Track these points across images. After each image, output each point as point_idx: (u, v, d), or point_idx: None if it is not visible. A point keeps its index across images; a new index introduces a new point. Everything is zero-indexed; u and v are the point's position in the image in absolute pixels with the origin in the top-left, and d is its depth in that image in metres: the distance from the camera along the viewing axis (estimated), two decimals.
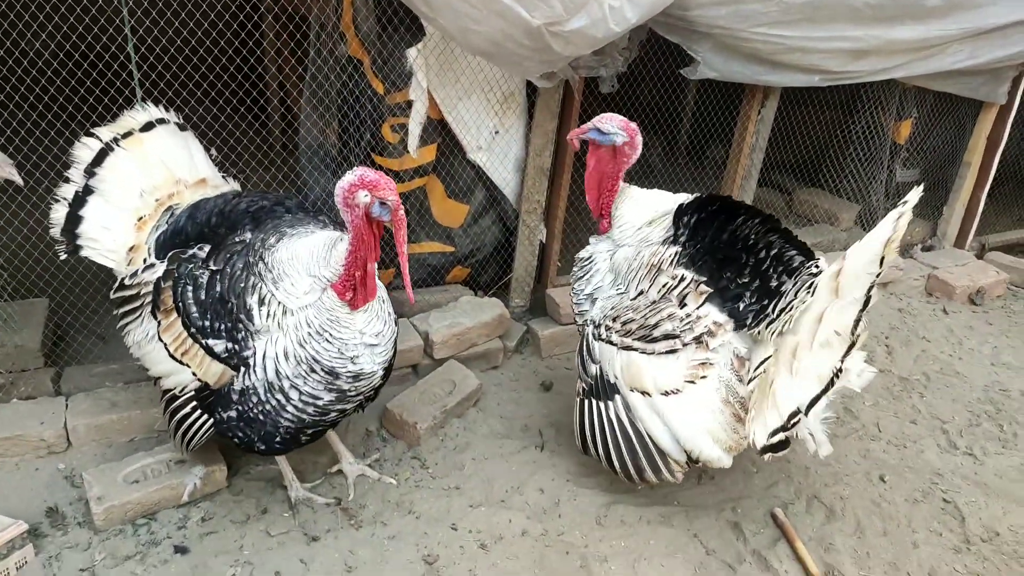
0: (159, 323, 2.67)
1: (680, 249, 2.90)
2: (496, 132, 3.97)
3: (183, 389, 2.73)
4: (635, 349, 2.88)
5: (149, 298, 2.70)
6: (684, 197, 3.09)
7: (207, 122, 3.54)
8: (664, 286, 2.88)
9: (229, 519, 2.93)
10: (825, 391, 2.57)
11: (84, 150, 2.85)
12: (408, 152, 3.76)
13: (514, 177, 4.16)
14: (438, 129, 3.87)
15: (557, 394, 3.91)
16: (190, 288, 2.61)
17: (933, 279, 5.40)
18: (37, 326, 3.47)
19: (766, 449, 2.67)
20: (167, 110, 3.02)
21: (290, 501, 3.01)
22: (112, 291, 2.81)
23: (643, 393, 2.86)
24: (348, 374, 2.62)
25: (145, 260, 2.80)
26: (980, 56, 4.61)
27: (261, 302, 2.55)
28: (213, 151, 3.16)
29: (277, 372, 2.57)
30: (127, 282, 2.76)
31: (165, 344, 2.67)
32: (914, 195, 2.47)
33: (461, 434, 3.53)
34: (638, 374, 2.87)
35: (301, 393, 2.60)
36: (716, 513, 3.19)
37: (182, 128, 3.05)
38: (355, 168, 2.39)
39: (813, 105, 5.22)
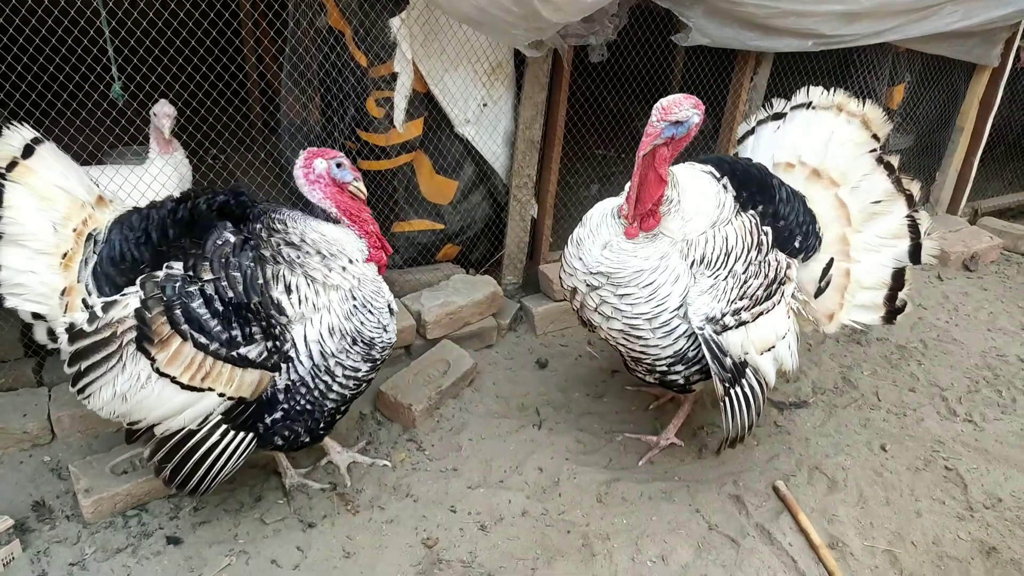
0: (154, 359, 2.35)
1: (756, 212, 2.92)
2: (484, 104, 3.86)
3: (206, 419, 2.49)
4: (763, 313, 2.87)
5: (130, 336, 2.35)
6: (701, 168, 2.95)
7: (183, 100, 3.41)
8: (759, 243, 2.90)
9: (223, 508, 2.86)
10: (917, 240, 3.05)
11: None
12: (394, 127, 3.65)
13: (504, 151, 4.06)
14: (424, 102, 3.75)
15: (553, 371, 3.85)
16: (194, 305, 2.36)
17: None
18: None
19: (892, 315, 3.16)
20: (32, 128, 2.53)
21: (284, 488, 2.95)
22: (68, 342, 2.37)
23: (769, 349, 2.92)
24: (381, 344, 2.67)
25: (87, 301, 2.43)
26: (974, 16, 4.55)
27: (288, 290, 2.46)
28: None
29: (322, 352, 2.54)
30: (88, 328, 2.35)
31: (172, 377, 2.38)
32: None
33: (457, 415, 3.47)
34: (768, 334, 2.90)
35: (344, 369, 2.60)
36: (717, 487, 3.15)
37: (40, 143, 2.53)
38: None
39: (805, 72, 5.12)
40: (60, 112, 3.09)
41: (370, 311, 2.61)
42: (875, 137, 3.08)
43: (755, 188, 2.94)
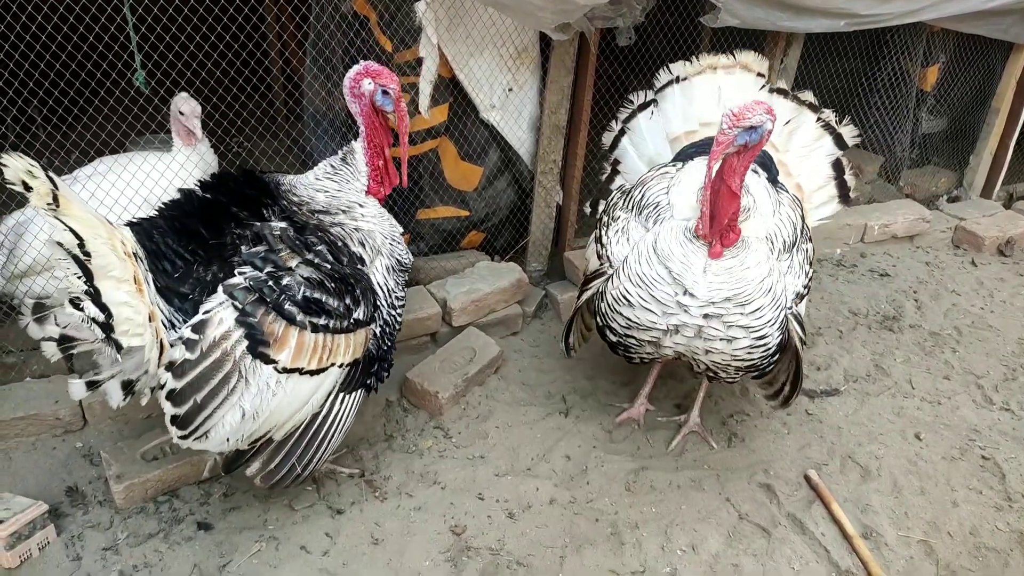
0: (276, 360, 2.31)
1: (780, 187, 3.06)
2: (510, 89, 3.81)
3: (328, 395, 2.53)
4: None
5: (240, 348, 2.26)
6: None
7: (209, 87, 3.41)
8: (801, 215, 3.03)
9: (252, 494, 2.87)
10: (835, 131, 3.35)
11: (64, 233, 2.04)
12: (420, 113, 3.62)
13: (529, 136, 4.01)
14: (450, 88, 3.72)
15: (579, 359, 3.81)
16: (307, 293, 2.34)
17: (960, 231, 5.25)
18: None
19: (846, 196, 3.43)
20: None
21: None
22: (174, 378, 2.22)
23: None
24: (410, 264, 2.86)
25: (166, 321, 2.29)
26: None
27: (362, 244, 2.60)
28: None
29: (387, 291, 2.69)
30: (192, 356, 2.22)
31: (300, 369, 2.36)
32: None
33: (483, 402, 3.45)
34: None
35: (398, 297, 2.76)
36: (748, 476, 3.11)
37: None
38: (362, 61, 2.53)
39: (836, 53, 5.02)
40: (85, 102, 3.10)
41: (398, 241, 2.74)
42: (760, 75, 3.40)
43: (770, 166, 3.10)
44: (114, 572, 2.54)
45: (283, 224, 2.48)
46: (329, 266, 2.44)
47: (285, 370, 2.33)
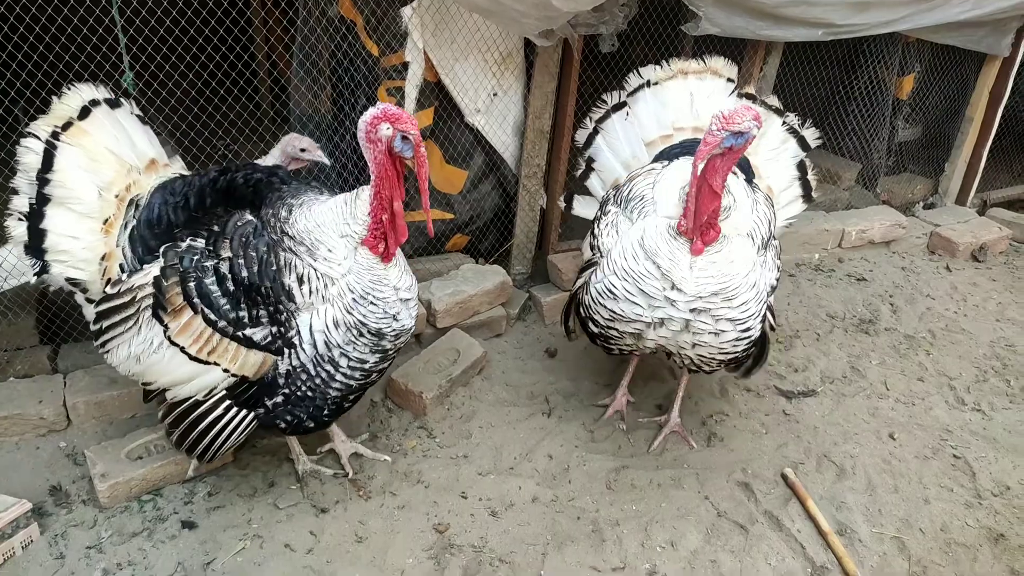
0: (167, 327, 2.45)
1: (756, 185, 3.14)
2: (494, 94, 3.87)
3: (211, 392, 2.57)
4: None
5: (147, 302, 2.46)
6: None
7: (197, 89, 3.43)
8: (775, 211, 3.14)
9: (236, 493, 2.89)
10: (799, 134, 3.48)
11: (29, 155, 2.49)
12: None
13: (513, 140, 4.07)
14: (435, 92, 3.76)
15: (562, 360, 3.87)
16: (207, 281, 2.41)
17: (935, 237, 5.36)
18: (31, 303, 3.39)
19: (809, 195, 3.54)
20: (95, 85, 2.64)
21: (297, 474, 2.98)
22: (95, 305, 2.54)
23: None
24: (392, 333, 2.58)
25: (123, 266, 2.55)
26: (984, 6, 4.53)
27: (300, 280, 2.44)
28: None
29: (327, 343, 2.50)
30: (110, 291, 2.50)
31: (182, 347, 2.46)
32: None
33: (467, 403, 3.49)
34: None
35: (350, 360, 2.55)
36: (726, 475, 3.17)
37: (114, 104, 2.66)
38: (379, 103, 2.36)
39: (814, 62, 5.13)
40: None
41: (372, 302, 2.48)
42: (729, 80, 3.51)
43: (747, 168, 3.17)
44: (98, 570, 2.55)
45: (252, 219, 2.49)
46: (245, 274, 2.41)
47: (170, 339, 2.46)
